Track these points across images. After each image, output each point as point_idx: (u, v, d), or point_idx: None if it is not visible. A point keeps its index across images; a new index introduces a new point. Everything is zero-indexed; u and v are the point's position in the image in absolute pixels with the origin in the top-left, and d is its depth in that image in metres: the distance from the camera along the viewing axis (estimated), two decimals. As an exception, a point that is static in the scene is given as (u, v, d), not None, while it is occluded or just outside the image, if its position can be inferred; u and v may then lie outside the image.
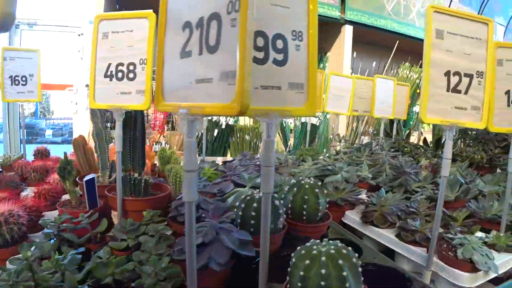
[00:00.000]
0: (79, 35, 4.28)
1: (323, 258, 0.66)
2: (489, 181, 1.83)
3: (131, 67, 1.14)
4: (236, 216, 1.01)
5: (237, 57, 0.54)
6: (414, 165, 1.91)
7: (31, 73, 2.10)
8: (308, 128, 2.87)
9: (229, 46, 0.56)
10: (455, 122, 1.07)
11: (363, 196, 1.66)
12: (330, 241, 0.72)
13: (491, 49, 1.10)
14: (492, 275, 1.10)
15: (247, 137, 4.33)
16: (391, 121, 2.97)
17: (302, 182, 1.13)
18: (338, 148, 2.40)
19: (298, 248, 0.72)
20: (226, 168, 1.83)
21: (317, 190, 1.13)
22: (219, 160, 3.22)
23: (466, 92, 1.08)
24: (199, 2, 0.63)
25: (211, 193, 1.32)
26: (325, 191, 1.22)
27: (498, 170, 2.28)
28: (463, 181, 1.71)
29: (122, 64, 1.15)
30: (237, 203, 1.02)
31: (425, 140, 2.37)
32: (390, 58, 4.36)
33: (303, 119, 4.47)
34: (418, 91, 4.34)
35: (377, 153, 2.35)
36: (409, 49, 4.40)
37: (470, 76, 1.08)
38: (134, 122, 1.27)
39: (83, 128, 3.78)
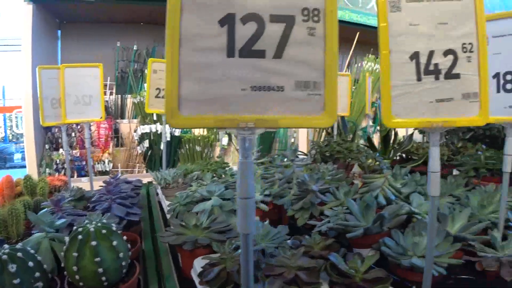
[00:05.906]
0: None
1: None
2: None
3: None
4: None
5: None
6: (341, 176, 1.57)
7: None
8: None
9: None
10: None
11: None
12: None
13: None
14: None
15: (197, 148, 4.00)
16: (343, 120, 2.68)
17: (79, 229, 0.84)
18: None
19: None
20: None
21: (93, 243, 0.81)
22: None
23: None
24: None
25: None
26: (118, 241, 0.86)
27: (454, 172, 1.89)
28: (392, 197, 1.38)
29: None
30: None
31: (369, 139, 2.00)
32: (351, 51, 4.06)
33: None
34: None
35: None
36: (373, 40, 4.10)
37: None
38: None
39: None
